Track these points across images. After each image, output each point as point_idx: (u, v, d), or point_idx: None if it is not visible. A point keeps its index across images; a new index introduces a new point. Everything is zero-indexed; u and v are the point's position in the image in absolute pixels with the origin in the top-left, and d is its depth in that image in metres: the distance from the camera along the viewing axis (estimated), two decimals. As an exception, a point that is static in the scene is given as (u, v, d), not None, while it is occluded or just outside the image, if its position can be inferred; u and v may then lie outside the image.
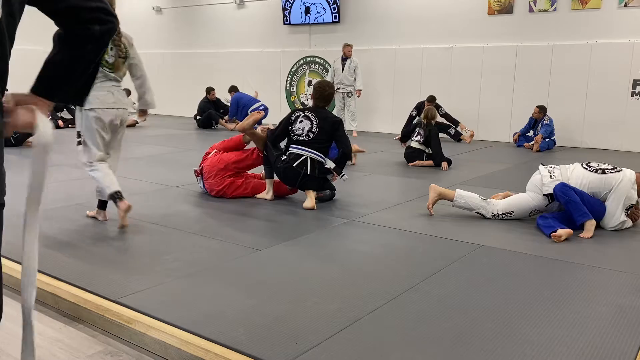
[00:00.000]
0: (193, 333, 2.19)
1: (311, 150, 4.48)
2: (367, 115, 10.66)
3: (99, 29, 1.31)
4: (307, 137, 4.49)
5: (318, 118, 4.52)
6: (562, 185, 3.78)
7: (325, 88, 4.64)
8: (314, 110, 4.58)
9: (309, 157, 4.46)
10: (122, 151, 4.16)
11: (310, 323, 2.29)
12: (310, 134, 4.49)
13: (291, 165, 4.42)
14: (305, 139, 4.49)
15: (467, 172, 6.32)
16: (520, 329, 2.28)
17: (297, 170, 4.42)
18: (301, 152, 4.47)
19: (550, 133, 8.53)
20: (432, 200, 4.22)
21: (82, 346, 2.28)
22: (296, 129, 4.52)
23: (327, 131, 4.50)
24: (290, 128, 4.56)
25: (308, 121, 4.51)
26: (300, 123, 4.52)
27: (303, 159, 4.44)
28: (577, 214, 3.69)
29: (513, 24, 9.32)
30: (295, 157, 4.46)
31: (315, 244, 3.52)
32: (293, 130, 4.54)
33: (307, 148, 4.48)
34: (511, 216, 4.07)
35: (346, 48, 9.99)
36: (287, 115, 4.67)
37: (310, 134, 4.49)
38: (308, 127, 4.49)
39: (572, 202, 3.71)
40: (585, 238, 3.62)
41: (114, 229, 3.71)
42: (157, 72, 14.29)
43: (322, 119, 4.52)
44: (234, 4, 12.52)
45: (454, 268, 3.04)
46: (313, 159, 4.47)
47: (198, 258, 3.14)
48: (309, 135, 4.49)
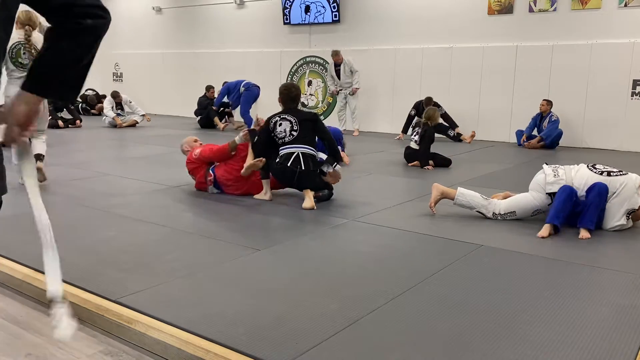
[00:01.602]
0: (193, 333, 2.19)
1: (299, 145, 4.53)
2: (366, 115, 10.65)
3: (91, 22, 1.31)
4: (291, 136, 4.54)
5: (295, 117, 4.60)
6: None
7: (291, 89, 4.77)
8: (287, 112, 4.65)
9: (299, 152, 4.49)
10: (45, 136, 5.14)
11: (310, 323, 2.29)
12: (294, 133, 4.55)
13: (285, 165, 4.45)
14: (290, 139, 4.54)
15: (467, 172, 6.32)
16: (521, 329, 2.28)
17: (292, 169, 4.44)
18: (291, 150, 4.50)
19: (556, 129, 8.56)
20: (434, 198, 4.22)
21: (82, 346, 2.28)
22: (278, 132, 4.56)
23: (307, 127, 4.59)
24: (272, 135, 4.59)
25: (287, 122, 4.56)
26: (280, 126, 4.56)
27: (295, 156, 4.47)
28: (590, 217, 3.70)
29: (513, 24, 9.32)
30: (287, 156, 4.49)
31: (315, 243, 3.52)
32: (276, 135, 4.57)
33: (295, 145, 4.52)
34: (513, 216, 4.06)
35: (335, 57, 10.00)
36: (264, 124, 4.68)
37: (294, 133, 4.55)
38: (289, 127, 4.55)
39: (594, 205, 3.70)
40: (585, 239, 3.62)
41: (114, 229, 3.71)
42: (157, 72, 14.34)
43: (299, 117, 4.61)
44: (234, 4, 12.52)
45: (454, 268, 3.04)
46: (305, 154, 4.51)
47: (198, 258, 3.14)
48: (292, 135, 4.54)
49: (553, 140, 8.56)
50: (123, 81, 14.77)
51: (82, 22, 1.29)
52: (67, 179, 5.48)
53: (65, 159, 6.84)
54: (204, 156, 4.87)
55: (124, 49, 14.93)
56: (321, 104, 11.78)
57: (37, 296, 2.74)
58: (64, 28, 1.30)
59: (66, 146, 8.19)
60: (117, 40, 15.06)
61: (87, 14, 1.30)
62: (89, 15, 1.30)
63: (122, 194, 4.80)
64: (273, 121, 4.61)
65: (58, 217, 4.01)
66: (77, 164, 6.40)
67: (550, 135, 8.55)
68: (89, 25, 1.30)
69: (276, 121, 4.59)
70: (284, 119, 4.58)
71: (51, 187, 5.13)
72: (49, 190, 4.95)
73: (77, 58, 1.33)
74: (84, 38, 1.32)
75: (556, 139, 8.57)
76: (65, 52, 1.31)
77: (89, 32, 1.32)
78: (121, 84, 14.72)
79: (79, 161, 6.65)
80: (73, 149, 7.97)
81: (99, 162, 6.56)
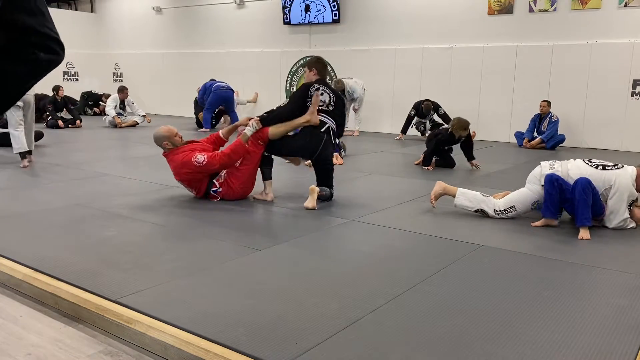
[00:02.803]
0: (193, 333, 2.19)
1: (332, 119, 4.65)
2: (367, 115, 10.65)
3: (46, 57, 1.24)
4: (327, 108, 4.64)
5: (333, 93, 4.72)
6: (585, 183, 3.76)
7: (323, 60, 4.91)
8: (326, 85, 4.74)
9: (331, 126, 4.64)
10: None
11: (310, 323, 2.29)
12: (330, 107, 4.65)
13: (319, 131, 4.54)
14: (327, 111, 4.63)
15: (467, 172, 6.33)
16: (521, 329, 2.28)
17: (322, 136, 4.55)
18: (325, 120, 4.60)
19: (557, 131, 8.56)
20: (435, 192, 4.25)
21: (82, 346, 2.28)
22: (320, 101, 4.61)
23: (340, 105, 4.76)
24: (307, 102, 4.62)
25: (327, 95, 4.65)
26: (322, 96, 4.62)
27: (327, 127, 4.60)
28: (582, 215, 3.70)
29: (513, 24, 9.32)
30: (321, 124, 4.57)
31: (315, 244, 3.52)
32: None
33: (329, 117, 4.63)
34: (513, 211, 4.07)
35: (337, 85, 9.44)
36: (303, 89, 4.66)
37: (330, 107, 4.65)
38: (328, 99, 4.65)
39: (582, 201, 3.69)
40: (585, 239, 3.62)
41: (114, 229, 3.71)
42: (157, 72, 14.34)
43: (335, 94, 4.74)
44: (234, 4, 12.52)
45: (454, 268, 3.04)
46: (334, 129, 4.67)
47: (198, 258, 3.14)
48: (329, 108, 4.65)
49: (554, 144, 8.55)
50: (123, 81, 14.75)
51: (38, 54, 1.22)
52: (67, 179, 5.48)
53: (65, 159, 6.84)
54: (221, 164, 4.34)
55: (124, 49, 14.93)
56: (321, 104, 11.77)
57: (37, 296, 2.74)
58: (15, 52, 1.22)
59: (66, 146, 8.19)
60: (117, 40, 15.07)
61: (44, 47, 1.23)
62: (46, 49, 1.24)
63: (122, 194, 4.80)
64: (315, 87, 4.61)
65: (58, 217, 4.01)
66: (77, 164, 6.40)
67: (552, 138, 8.54)
68: (44, 60, 1.24)
69: (318, 88, 4.61)
70: (325, 91, 4.65)
71: (51, 187, 5.13)
72: (49, 190, 4.95)
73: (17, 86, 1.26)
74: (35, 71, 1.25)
75: (558, 143, 8.56)
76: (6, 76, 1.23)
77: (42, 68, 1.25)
78: (121, 84, 14.72)
79: (79, 161, 6.65)
80: (73, 148, 7.96)
81: (99, 162, 6.56)
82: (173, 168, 4.48)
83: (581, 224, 3.67)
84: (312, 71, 4.79)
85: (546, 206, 3.87)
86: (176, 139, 4.47)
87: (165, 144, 4.46)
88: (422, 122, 9.59)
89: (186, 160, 4.35)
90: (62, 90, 11.21)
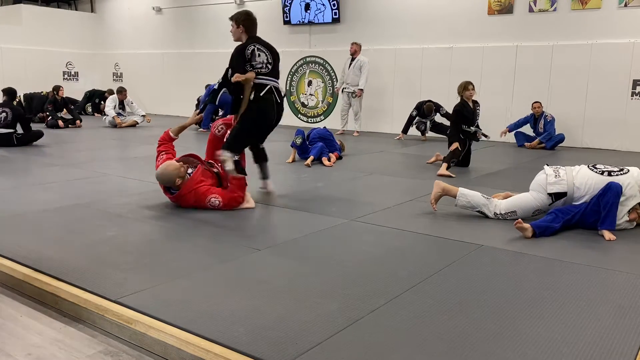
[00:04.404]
0: (193, 333, 2.19)
1: (273, 78, 4.38)
2: (366, 115, 10.65)
3: None
4: (266, 69, 4.33)
5: (269, 50, 4.40)
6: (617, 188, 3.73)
7: (252, 14, 4.51)
8: (259, 42, 4.39)
9: (273, 85, 4.36)
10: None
11: (310, 323, 2.29)
12: (269, 66, 4.35)
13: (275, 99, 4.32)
14: (266, 71, 4.33)
15: (468, 172, 6.32)
16: (521, 329, 2.28)
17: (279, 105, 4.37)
18: (267, 82, 4.32)
19: (555, 131, 8.57)
20: (435, 195, 4.23)
21: (82, 346, 2.28)
22: (256, 63, 4.30)
23: (277, 60, 4.44)
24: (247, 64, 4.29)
25: (263, 54, 4.34)
26: (259, 57, 4.31)
27: (268, 88, 4.31)
28: (612, 218, 3.70)
29: (513, 24, 9.32)
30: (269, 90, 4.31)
31: (315, 243, 3.52)
32: (252, 65, 4.30)
33: (270, 77, 4.36)
34: (514, 216, 4.06)
35: (351, 47, 9.98)
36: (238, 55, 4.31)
37: (269, 66, 4.35)
38: (265, 59, 4.34)
39: (614, 205, 3.70)
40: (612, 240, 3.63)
41: (114, 229, 3.71)
42: (157, 72, 14.34)
43: (272, 49, 4.43)
44: (234, 4, 12.51)
45: (454, 268, 3.04)
46: (277, 88, 4.40)
47: (198, 258, 3.14)
48: (268, 67, 4.35)
49: (554, 143, 8.56)
50: (123, 81, 14.76)
51: None
52: (67, 179, 5.48)
53: (65, 159, 6.84)
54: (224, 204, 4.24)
55: (124, 49, 14.93)
56: (321, 104, 11.78)
57: (37, 296, 2.74)
58: None
59: (66, 146, 8.19)
60: (117, 40, 15.07)
61: None
62: None
63: (122, 194, 4.80)
64: (251, 49, 4.28)
65: (58, 217, 4.01)
66: (77, 164, 6.40)
67: (551, 138, 8.55)
68: None
69: (254, 50, 4.30)
70: (261, 50, 4.30)
71: (51, 187, 5.13)
72: (49, 190, 4.95)
73: None
74: None
75: (557, 143, 8.57)
76: None
77: None
78: (121, 84, 14.71)
79: (79, 161, 6.65)
80: (73, 148, 7.96)
81: (99, 162, 6.56)
82: (182, 203, 4.32)
83: (609, 227, 3.68)
84: (239, 28, 4.41)
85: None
86: (182, 171, 4.24)
87: (178, 181, 4.23)
88: (422, 121, 9.60)
89: (199, 200, 4.24)
90: (62, 90, 11.22)
